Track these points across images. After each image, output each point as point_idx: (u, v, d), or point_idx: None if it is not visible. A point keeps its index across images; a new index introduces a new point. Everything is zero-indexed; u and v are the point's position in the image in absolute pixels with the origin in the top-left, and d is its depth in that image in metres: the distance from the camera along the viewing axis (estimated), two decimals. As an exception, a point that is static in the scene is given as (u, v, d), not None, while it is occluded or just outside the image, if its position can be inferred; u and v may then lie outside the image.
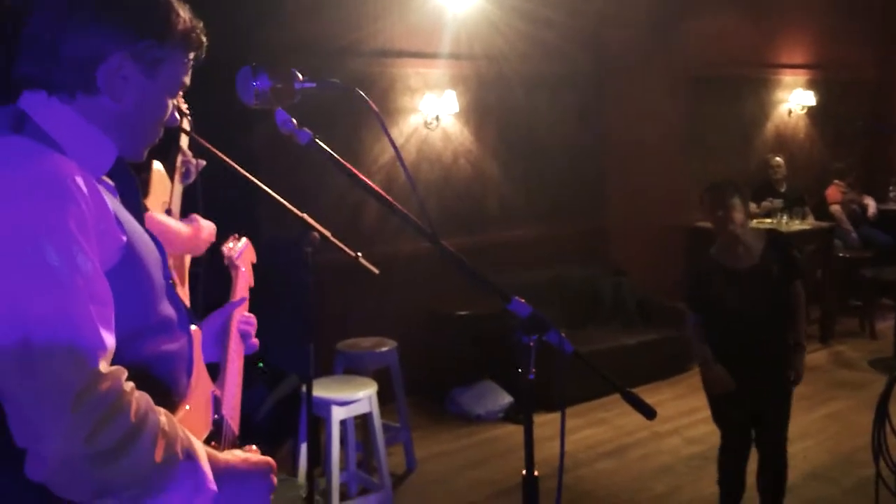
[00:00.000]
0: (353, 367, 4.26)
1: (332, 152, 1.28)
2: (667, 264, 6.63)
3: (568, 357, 1.40)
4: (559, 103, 6.00)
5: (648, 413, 1.45)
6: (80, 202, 1.06)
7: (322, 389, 3.67)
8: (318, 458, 3.97)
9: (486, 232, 5.82)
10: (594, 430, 4.96)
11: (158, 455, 1.02)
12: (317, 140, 1.28)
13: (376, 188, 1.31)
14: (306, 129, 1.28)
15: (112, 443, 0.97)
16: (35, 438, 0.96)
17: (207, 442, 1.28)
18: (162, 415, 1.07)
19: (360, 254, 2.35)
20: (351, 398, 3.66)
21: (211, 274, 2.09)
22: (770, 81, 7.65)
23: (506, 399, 5.21)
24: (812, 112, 7.91)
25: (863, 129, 8.11)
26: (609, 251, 6.42)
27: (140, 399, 1.04)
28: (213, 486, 1.10)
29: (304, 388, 3.68)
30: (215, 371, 1.61)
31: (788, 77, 7.77)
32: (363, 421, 4.00)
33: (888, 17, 8.38)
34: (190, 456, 1.08)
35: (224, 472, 1.15)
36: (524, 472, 1.45)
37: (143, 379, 1.10)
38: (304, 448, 3.82)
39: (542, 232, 6.07)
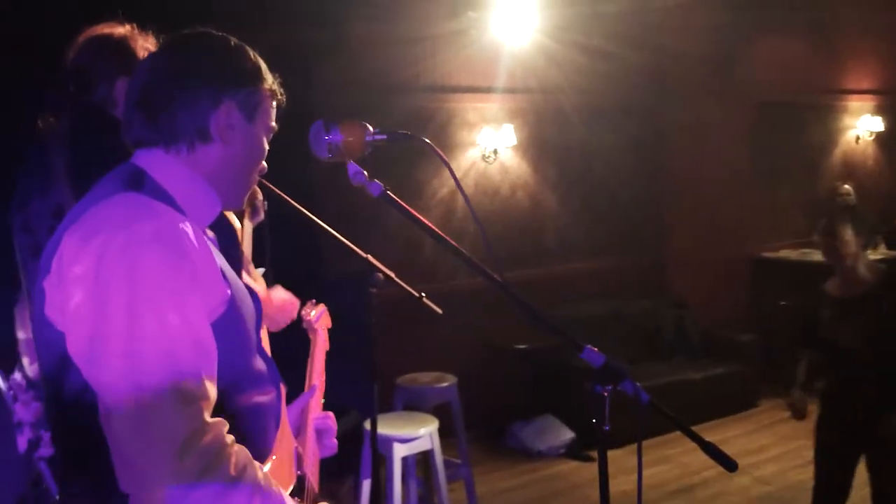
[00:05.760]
0: (413, 402, 4.24)
1: (403, 204, 1.28)
2: (731, 296, 6.48)
3: (645, 407, 1.36)
4: (618, 134, 5.95)
5: (729, 465, 1.39)
6: (192, 256, 1.11)
7: (383, 426, 3.66)
8: (380, 494, 3.95)
9: (543, 265, 5.78)
10: (659, 469, 4.83)
11: None
12: (388, 192, 1.28)
13: (450, 240, 1.31)
14: (378, 182, 1.29)
15: (212, 493, 1.00)
16: (141, 485, 1.00)
17: (291, 496, 1.30)
18: (259, 470, 1.09)
19: (423, 294, 2.34)
20: (412, 435, 3.64)
21: (286, 328, 2.10)
22: (836, 107, 7.46)
23: (567, 435, 5.13)
24: (880, 138, 7.67)
25: None
26: (670, 283, 6.30)
27: (240, 453, 1.07)
28: None
29: (366, 426, 3.69)
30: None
31: (855, 103, 7.56)
32: (424, 457, 3.97)
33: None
34: None
35: None
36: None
37: (236, 430, 1.13)
38: (366, 485, 3.81)
39: (600, 265, 6.00)
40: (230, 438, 1.07)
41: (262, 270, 2.72)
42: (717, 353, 5.87)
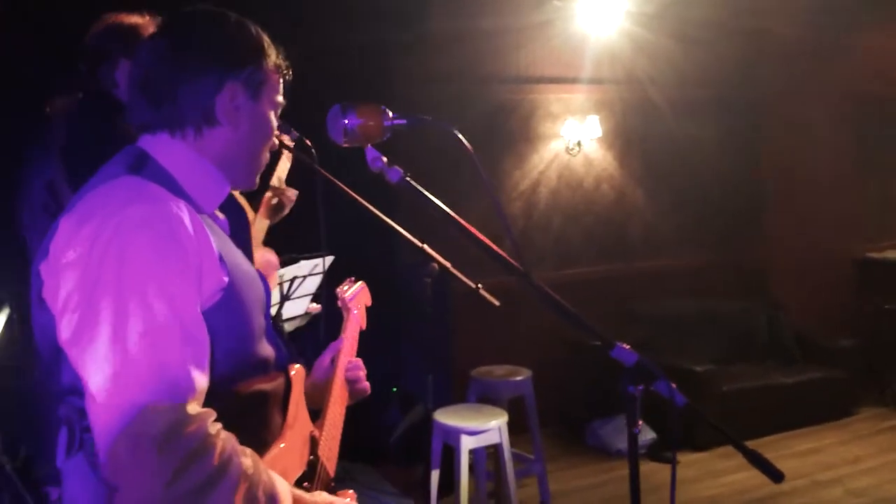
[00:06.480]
0: (487, 395, 4.21)
1: (423, 191, 1.25)
2: (831, 298, 6.14)
3: (680, 410, 1.29)
4: (711, 126, 5.71)
5: (775, 476, 1.30)
6: (184, 242, 1.09)
7: (453, 418, 3.65)
8: (450, 485, 3.94)
9: (628, 260, 5.64)
10: (745, 475, 4.61)
11: (239, 499, 1.02)
12: (408, 178, 1.25)
13: (472, 229, 1.27)
14: (397, 168, 1.26)
15: (193, 485, 0.99)
16: (122, 475, 0.99)
17: (300, 482, 1.28)
18: (247, 457, 1.07)
19: (480, 285, 2.30)
20: (481, 428, 3.61)
21: (333, 315, 2.10)
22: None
23: (648, 435, 4.97)
24: None
25: None
26: (765, 283, 6.01)
27: (226, 441, 1.04)
28: None
29: (435, 417, 3.70)
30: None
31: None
32: (495, 451, 3.94)
33: None
34: (273, 499, 1.08)
35: None
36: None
37: (235, 417, 1.11)
38: (435, 475, 3.81)
39: (689, 261, 5.79)
40: (216, 428, 1.04)
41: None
42: (814, 357, 5.57)
